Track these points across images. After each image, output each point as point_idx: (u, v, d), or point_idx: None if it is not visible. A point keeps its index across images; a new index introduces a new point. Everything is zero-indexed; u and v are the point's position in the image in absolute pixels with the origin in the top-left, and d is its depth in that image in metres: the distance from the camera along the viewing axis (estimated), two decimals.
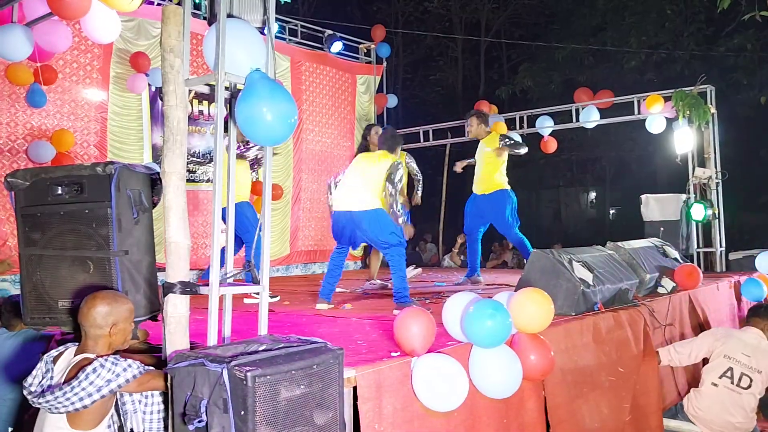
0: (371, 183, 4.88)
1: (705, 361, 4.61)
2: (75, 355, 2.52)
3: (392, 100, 10.96)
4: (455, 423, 3.01)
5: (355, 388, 2.64)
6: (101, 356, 2.47)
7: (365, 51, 10.85)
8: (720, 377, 4.38)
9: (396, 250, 4.85)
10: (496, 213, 6.39)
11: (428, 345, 2.98)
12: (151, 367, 2.57)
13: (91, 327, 2.53)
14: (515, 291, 3.64)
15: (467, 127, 6.72)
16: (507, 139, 6.41)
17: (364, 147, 6.18)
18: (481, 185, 6.54)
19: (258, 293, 2.94)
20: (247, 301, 4.96)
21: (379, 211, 4.84)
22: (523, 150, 6.41)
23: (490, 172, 6.43)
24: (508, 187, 6.46)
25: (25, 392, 2.46)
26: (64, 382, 2.40)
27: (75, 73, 7.06)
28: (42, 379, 2.46)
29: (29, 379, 2.46)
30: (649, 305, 4.76)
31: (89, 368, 2.36)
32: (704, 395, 4.44)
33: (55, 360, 2.52)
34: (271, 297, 5.63)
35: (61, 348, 2.59)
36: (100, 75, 7.25)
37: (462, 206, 6.74)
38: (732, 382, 4.34)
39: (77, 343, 2.59)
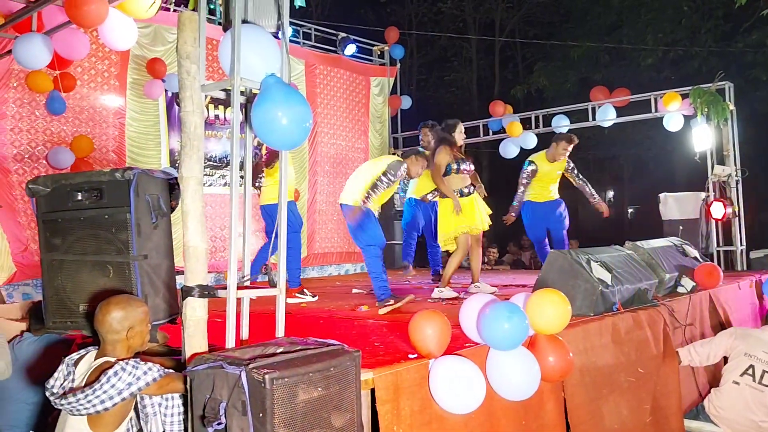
0: (362, 178, 5.12)
1: (726, 360, 4.55)
2: (95, 359, 2.55)
3: (406, 102, 10.97)
4: (473, 425, 3.01)
5: (372, 390, 2.64)
6: (121, 359, 2.49)
7: (379, 53, 10.86)
8: (741, 375, 4.32)
9: (368, 250, 4.99)
10: (560, 218, 6.95)
11: (444, 347, 2.97)
12: (171, 370, 2.59)
13: (108, 333, 2.55)
14: (532, 292, 3.63)
15: (562, 150, 6.83)
16: (575, 169, 6.99)
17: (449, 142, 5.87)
18: (545, 196, 6.98)
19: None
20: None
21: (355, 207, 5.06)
22: None
23: (556, 186, 7.02)
24: None
25: (47, 393, 2.49)
26: (86, 385, 2.43)
27: (93, 79, 7.14)
28: (63, 381, 2.49)
29: (51, 381, 2.50)
30: (668, 305, 4.71)
31: (110, 371, 2.39)
32: (725, 394, 4.38)
33: (76, 363, 2.56)
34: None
35: (82, 351, 2.62)
36: (118, 81, 7.34)
37: None
38: (754, 380, 4.28)
39: (97, 347, 2.62)
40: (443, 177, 5.61)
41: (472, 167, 5.87)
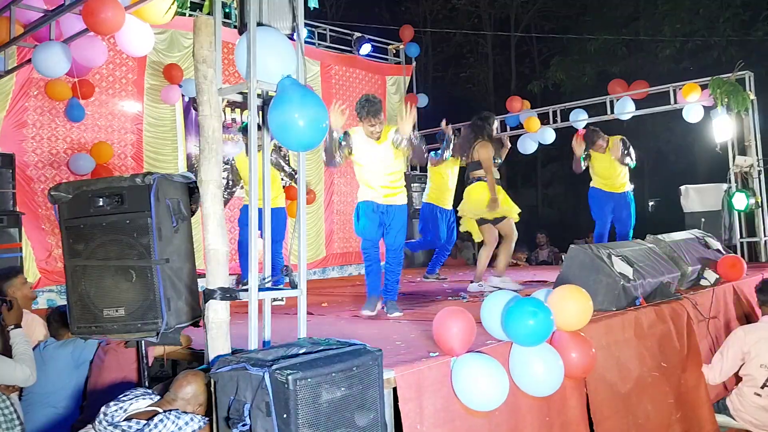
0: None
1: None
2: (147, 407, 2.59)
3: (423, 100, 10.95)
4: (497, 422, 3.00)
5: (395, 389, 2.65)
6: (164, 410, 2.53)
7: (394, 52, 10.86)
8: (762, 387, 4.19)
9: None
10: (628, 212, 7.05)
11: (468, 344, 2.97)
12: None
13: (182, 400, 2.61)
14: (554, 288, 3.60)
15: (592, 145, 7.03)
16: (625, 148, 6.99)
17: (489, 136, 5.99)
18: (614, 186, 7.08)
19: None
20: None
21: None
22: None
23: (620, 174, 7.09)
24: None
25: (102, 408, 2.51)
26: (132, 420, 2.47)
27: (111, 86, 7.22)
28: (116, 410, 2.51)
29: (111, 404, 2.53)
30: (692, 298, 4.66)
31: (156, 418, 2.45)
32: (749, 403, 4.23)
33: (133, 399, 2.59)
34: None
35: (138, 393, 2.64)
36: (135, 87, 7.41)
37: None
38: None
39: (153, 397, 2.66)
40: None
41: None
